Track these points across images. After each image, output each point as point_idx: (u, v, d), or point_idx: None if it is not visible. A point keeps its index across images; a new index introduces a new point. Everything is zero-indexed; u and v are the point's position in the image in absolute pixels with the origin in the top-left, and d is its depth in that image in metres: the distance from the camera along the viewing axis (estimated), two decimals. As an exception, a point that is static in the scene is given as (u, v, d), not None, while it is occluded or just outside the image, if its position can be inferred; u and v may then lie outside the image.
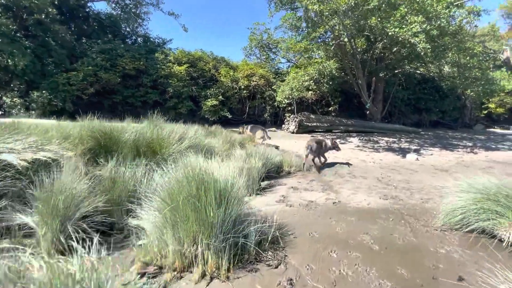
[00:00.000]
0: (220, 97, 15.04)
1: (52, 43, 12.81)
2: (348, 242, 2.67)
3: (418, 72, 15.60)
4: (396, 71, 14.93)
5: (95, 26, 16.68)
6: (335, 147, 6.59)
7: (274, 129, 15.29)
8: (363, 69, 14.40)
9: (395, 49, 13.08)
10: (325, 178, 5.22)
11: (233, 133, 10.44)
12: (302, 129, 14.20)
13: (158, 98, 14.93)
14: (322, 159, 6.30)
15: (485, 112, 21.80)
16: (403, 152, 8.98)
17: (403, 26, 7.75)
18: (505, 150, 10.41)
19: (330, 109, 17.04)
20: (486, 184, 2.81)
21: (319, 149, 6.18)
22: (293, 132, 14.12)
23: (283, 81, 14.30)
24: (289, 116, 15.41)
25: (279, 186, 4.64)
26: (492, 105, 21.15)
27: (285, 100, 15.01)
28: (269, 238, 2.52)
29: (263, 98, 16.25)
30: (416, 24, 7.58)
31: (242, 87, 15.37)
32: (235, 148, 5.57)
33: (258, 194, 4.11)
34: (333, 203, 3.83)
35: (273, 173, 5.10)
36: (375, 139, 12.49)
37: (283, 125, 15.53)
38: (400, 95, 18.12)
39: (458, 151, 9.76)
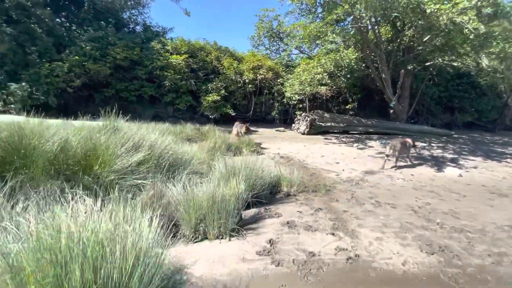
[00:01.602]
0: (223, 91, 13.81)
1: (37, 30, 11.96)
2: None
3: (454, 64, 13.76)
4: (426, 64, 13.16)
5: (91, 12, 15.81)
6: (415, 145, 7.29)
7: (282, 128, 13.96)
8: (388, 62, 12.75)
9: (427, 37, 11.39)
10: (337, 205, 3.89)
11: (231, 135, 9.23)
12: (314, 129, 12.79)
13: (154, 92, 13.88)
14: (408, 159, 7.06)
15: (529, 112, 19.46)
16: (438, 162, 7.45)
17: (445, 1, 6.21)
18: None
19: (347, 107, 15.49)
20: None
21: (404, 149, 6.71)
22: (303, 133, 12.74)
23: (298, 75, 12.90)
24: (300, 115, 14.02)
25: (269, 219, 3.35)
26: (538, 105, 18.82)
27: (296, 96, 13.62)
28: None
29: (271, 94, 14.90)
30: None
31: (247, 80, 14.05)
32: (219, 159, 4.32)
33: (233, 235, 2.85)
34: (348, 259, 2.51)
35: (264, 197, 3.81)
36: (400, 143, 10.91)
37: (293, 125, 14.16)
38: (429, 92, 16.26)
39: (507, 162, 8.11)
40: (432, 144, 11.06)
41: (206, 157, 4.75)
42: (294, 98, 13.83)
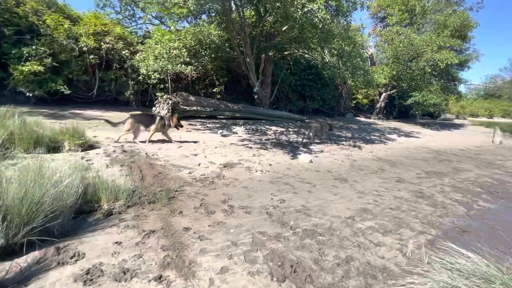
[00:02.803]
0: (49, 60, 10.26)
1: None
2: None
3: (306, 56, 15.59)
4: (285, 53, 14.24)
5: None
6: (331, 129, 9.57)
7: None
8: (252, 46, 12.92)
9: (285, 27, 12.13)
10: (179, 220, 2.98)
11: (48, 120, 6.84)
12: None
13: None
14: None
15: (354, 102, 25.15)
16: (293, 149, 7.90)
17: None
18: (379, 143, 11.20)
19: (215, 90, 14.98)
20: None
21: (320, 131, 9.37)
22: (165, 118, 11.28)
23: (150, 47, 10.95)
24: (161, 97, 12.36)
25: (56, 269, 2.05)
26: (360, 96, 24.53)
27: (155, 75, 11.84)
28: None
29: (124, 69, 12.43)
30: (313, -13, 6.29)
31: (86, 49, 11.01)
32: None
33: None
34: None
35: (60, 228, 2.44)
36: (263, 128, 11.35)
37: (153, 108, 12.38)
38: (287, 80, 18.02)
39: (343, 145, 9.63)
40: (289, 129, 12.09)
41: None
42: (153, 77, 11.99)
